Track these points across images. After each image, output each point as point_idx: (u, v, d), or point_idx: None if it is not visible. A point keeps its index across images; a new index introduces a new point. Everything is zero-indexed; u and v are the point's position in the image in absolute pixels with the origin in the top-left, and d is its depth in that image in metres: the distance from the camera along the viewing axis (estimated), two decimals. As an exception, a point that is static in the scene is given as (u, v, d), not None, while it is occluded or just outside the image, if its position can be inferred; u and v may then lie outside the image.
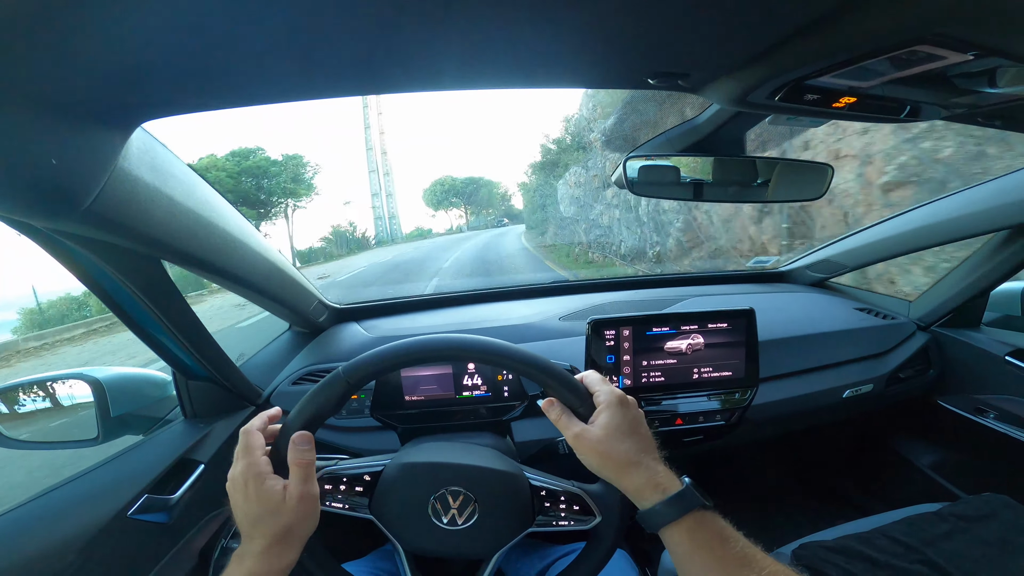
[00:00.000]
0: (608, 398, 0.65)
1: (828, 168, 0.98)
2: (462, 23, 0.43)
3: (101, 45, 0.39)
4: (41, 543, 0.73)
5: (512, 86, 0.61)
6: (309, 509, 0.62)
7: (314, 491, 0.63)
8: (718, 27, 0.49)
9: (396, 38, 0.45)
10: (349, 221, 38.72)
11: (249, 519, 0.60)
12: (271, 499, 0.60)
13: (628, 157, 0.95)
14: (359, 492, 0.71)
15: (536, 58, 0.54)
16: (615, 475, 0.62)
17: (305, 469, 0.62)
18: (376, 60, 0.49)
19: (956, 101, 0.68)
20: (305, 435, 0.64)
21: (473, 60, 0.53)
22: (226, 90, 0.54)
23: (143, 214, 0.63)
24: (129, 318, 0.86)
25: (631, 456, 0.61)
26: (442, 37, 0.46)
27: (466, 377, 1.13)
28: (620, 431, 0.63)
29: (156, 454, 0.95)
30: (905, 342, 1.44)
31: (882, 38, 0.46)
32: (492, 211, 77.39)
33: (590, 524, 0.71)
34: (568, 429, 0.65)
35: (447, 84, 0.59)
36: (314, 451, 0.64)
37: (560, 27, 0.46)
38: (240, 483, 0.61)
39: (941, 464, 1.56)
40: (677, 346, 1.14)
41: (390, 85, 0.58)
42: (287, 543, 0.60)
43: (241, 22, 0.39)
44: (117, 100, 0.50)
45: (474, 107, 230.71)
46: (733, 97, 0.65)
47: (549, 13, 0.43)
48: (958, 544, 0.99)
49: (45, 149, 0.47)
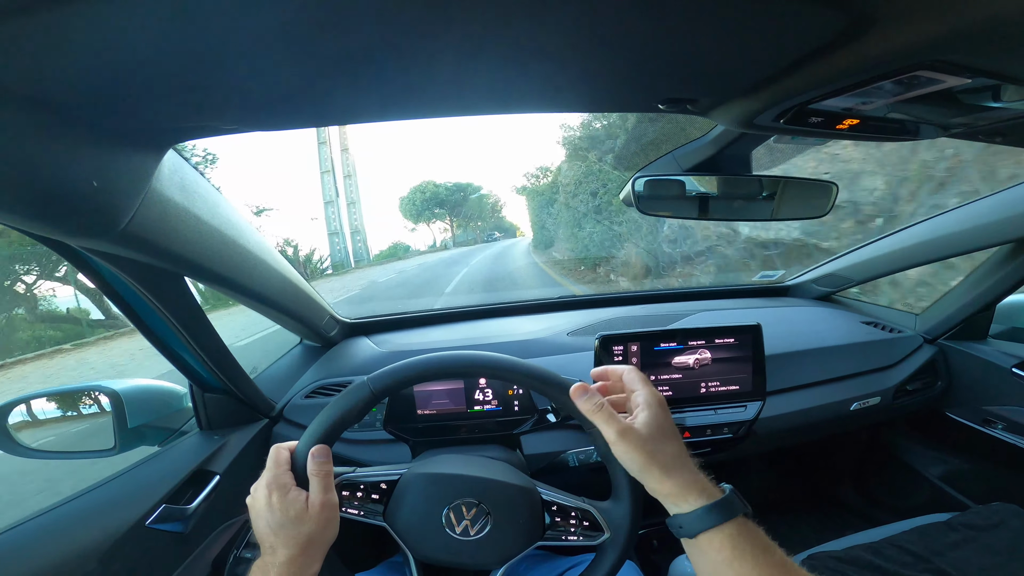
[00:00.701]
0: (650, 398, 0.63)
1: (832, 186, 1.00)
2: (475, 51, 0.45)
3: (134, 67, 0.41)
4: (63, 551, 0.75)
5: (526, 111, 0.63)
6: (330, 517, 0.64)
7: (334, 499, 0.65)
8: (725, 55, 0.50)
9: (405, 64, 0.46)
10: (286, 239, 33.63)
11: (272, 529, 0.62)
12: (294, 509, 0.62)
13: (636, 176, 0.96)
14: (375, 499, 0.73)
15: (551, 84, 0.56)
16: (660, 474, 0.60)
17: (324, 479, 0.64)
18: (392, 86, 0.51)
19: (956, 120, 0.70)
20: (323, 448, 0.66)
21: (486, 86, 0.55)
22: (252, 115, 0.56)
23: (173, 233, 0.66)
24: (150, 331, 0.88)
25: (676, 458, 0.60)
26: (454, 65, 0.48)
27: (477, 391, 1.14)
28: (663, 432, 0.61)
29: (173, 465, 0.97)
30: (912, 355, 1.45)
31: (882, 64, 0.48)
32: (481, 224, 69.72)
33: (598, 540, 0.72)
34: (608, 424, 0.61)
35: (459, 110, 0.61)
36: (331, 462, 0.66)
37: (574, 56, 0.48)
38: (264, 495, 0.63)
39: (950, 474, 1.56)
40: (684, 361, 1.16)
41: (398, 112, 0.60)
42: (310, 553, 0.62)
43: (264, 49, 0.41)
44: (152, 124, 0.53)
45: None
46: (740, 120, 0.66)
47: (565, 42, 0.45)
48: (967, 553, 1.00)
49: (87, 172, 0.50)
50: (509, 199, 79.83)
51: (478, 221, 68.65)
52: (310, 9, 0.35)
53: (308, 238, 78.38)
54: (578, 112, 0.65)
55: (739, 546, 0.55)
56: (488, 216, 70.40)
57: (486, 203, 68.55)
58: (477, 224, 68.46)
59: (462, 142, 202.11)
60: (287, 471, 0.65)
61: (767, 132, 0.74)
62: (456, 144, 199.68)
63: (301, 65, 0.44)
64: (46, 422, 1.14)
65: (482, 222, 70.17)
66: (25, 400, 1.05)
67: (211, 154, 24.29)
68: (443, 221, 66.82)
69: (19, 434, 1.04)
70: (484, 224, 70.05)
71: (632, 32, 0.43)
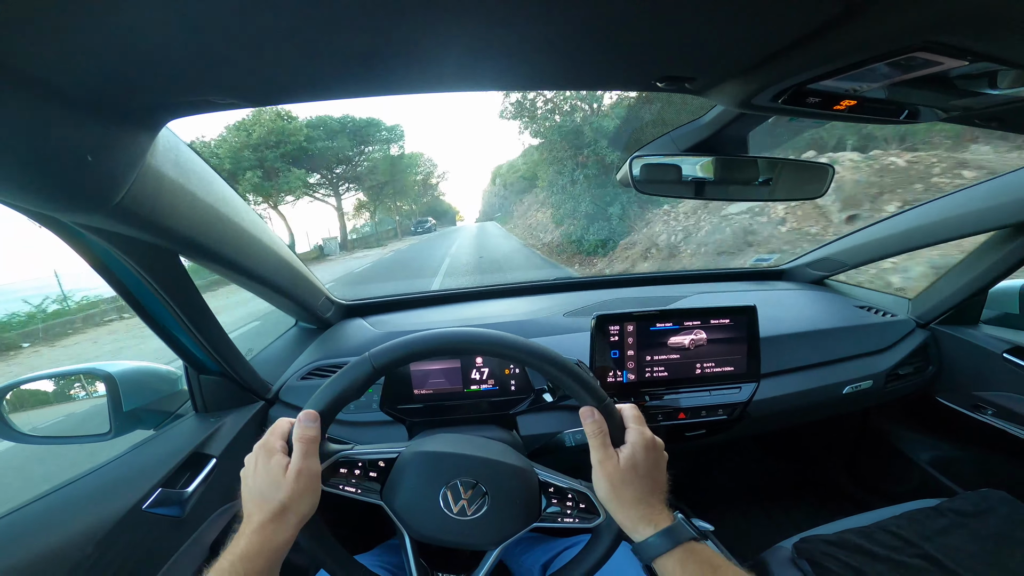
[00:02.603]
0: (637, 439, 0.69)
1: (829, 168, 1.00)
2: (472, 24, 0.45)
3: (131, 44, 0.41)
4: (61, 535, 0.75)
5: (521, 88, 0.63)
6: (306, 486, 0.63)
7: (313, 468, 0.64)
8: (724, 34, 0.50)
9: (402, 38, 0.46)
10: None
11: (252, 496, 0.63)
12: (273, 473, 0.62)
13: (633, 156, 0.96)
14: (372, 478, 0.73)
15: (547, 60, 0.56)
16: (615, 507, 0.67)
17: (305, 445, 0.64)
18: (383, 59, 0.50)
19: (954, 103, 0.70)
20: (311, 413, 0.66)
21: (481, 61, 0.54)
22: (245, 90, 0.55)
23: (167, 209, 0.66)
24: (145, 311, 0.88)
25: (635, 495, 0.66)
26: (451, 38, 0.47)
27: (474, 371, 1.15)
28: (636, 472, 0.67)
29: (169, 448, 0.96)
30: (904, 339, 1.46)
31: (879, 45, 0.48)
32: (406, 206, 44.25)
33: (593, 523, 0.73)
34: (597, 450, 0.69)
35: (452, 85, 0.60)
36: (318, 428, 0.66)
37: (572, 32, 0.48)
38: (252, 459, 0.65)
39: (940, 460, 1.58)
40: (680, 341, 1.16)
41: (394, 86, 0.59)
42: (282, 521, 0.61)
43: (254, 22, 0.40)
44: (146, 100, 0.52)
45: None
46: (738, 100, 0.66)
47: (562, 18, 0.45)
48: (956, 539, 1.02)
49: (80, 146, 0.49)
50: (450, 172, 57.94)
51: (397, 201, 40.75)
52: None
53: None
54: (576, 89, 0.65)
55: (688, 568, 0.60)
56: (416, 192, 43.84)
57: (413, 169, 39.16)
58: (398, 205, 42.20)
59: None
60: (279, 438, 0.66)
61: (765, 112, 0.73)
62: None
63: (294, 38, 0.44)
64: (41, 406, 1.14)
65: (408, 202, 44.00)
66: (19, 384, 1.04)
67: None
68: (327, 197, 31.72)
69: (13, 418, 1.03)
70: (410, 205, 45.42)
71: (631, 8, 0.43)
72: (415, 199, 45.27)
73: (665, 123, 8.47)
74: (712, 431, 1.24)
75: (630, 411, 0.73)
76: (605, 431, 0.69)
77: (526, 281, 1.83)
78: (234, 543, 0.60)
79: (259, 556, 0.59)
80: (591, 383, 0.71)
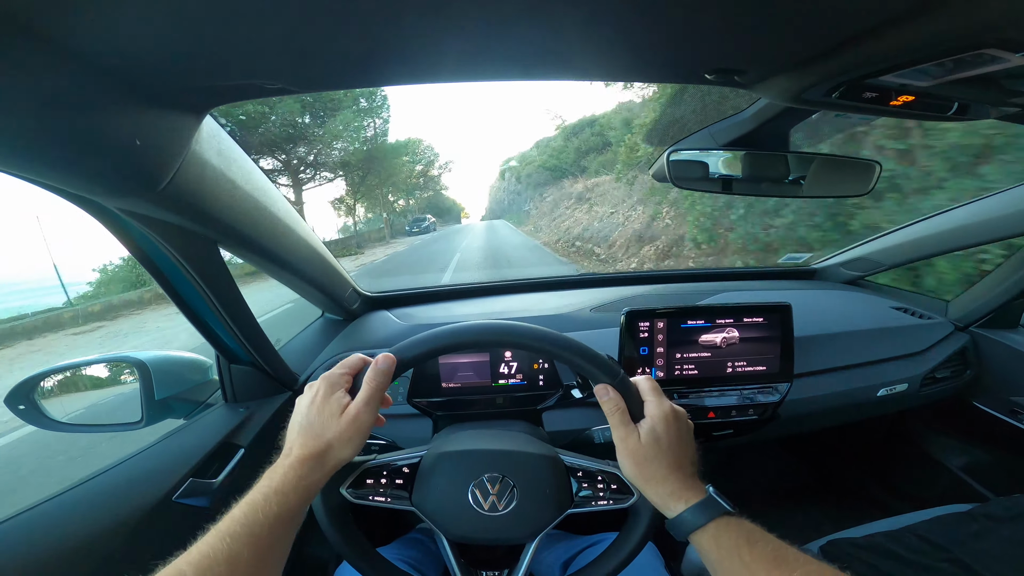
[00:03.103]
0: (656, 411, 0.67)
1: (876, 164, 0.97)
2: (529, 16, 0.44)
3: (181, 26, 0.41)
4: (95, 525, 0.76)
5: (573, 78, 0.62)
6: (355, 431, 0.62)
7: (368, 418, 0.63)
8: (781, 25, 0.49)
9: (456, 27, 0.46)
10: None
11: (301, 426, 0.62)
12: (330, 409, 0.62)
13: (670, 149, 0.94)
14: (399, 485, 0.72)
15: (594, 50, 0.55)
16: (643, 484, 0.66)
17: (373, 391, 0.63)
18: (437, 46, 0.50)
19: (1012, 100, 0.67)
20: (389, 358, 0.65)
21: (538, 52, 0.54)
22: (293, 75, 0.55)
23: (210, 196, 0.66)
24: (181, 299, 0.88)
25: (662, 471, 0.64)
26: (498, 28, 0.47)
27: (503, 365, 1.14)
28: (659, 446, 0.65)
29: (199, 438, 0.97)
30: (942, 342, 1.42)
31: (948, 40, 0.47)
32: (401, 199, 36.68)
33: (628, 502, 0.71)
34: (617, 428, 0.67)
35: (501, 75, 0.60)
36: (390, 378, 0.65)
37: (622, 22, 0.47)
38: (313, 389, 0.64)
39: (973, 465, 1.55)
40: (712, 339, 1.14)
41: (446, 73, 0.58)
42: (320, 460, 0.60)
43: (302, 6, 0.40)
44: (195, 83, 0.52)
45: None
46: (788, 95, 0.65)
47: (613, 8, 0.43)
48: (987, 544, 0.99)
49: (129, 130, 0.50)
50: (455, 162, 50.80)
51: (389, 194, 32.45)
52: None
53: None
54: (621, 81, 0.63)
55: (723, 543, 0.58)
56: (411, 185, 35.77)
57: (409, 156, 33.03)
58: (389, 200, 33.26)
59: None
60: (346, 375, 0.65)
61: (815, 107, 0.72)
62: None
63: (342, 23, 0.43)
64: (73, 393, 1.15)
65: (402, 195, 35.14)
66: (52, 372, 1.05)
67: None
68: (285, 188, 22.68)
69: (47, 406, 1.05)
70: (405, 200, 37.45)
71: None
72: (409, 192, 37.07)
73: (705, 116, 8.22)
74: (740, 431, 1.22)
75: (646, 383, 0.71)
76: (623, 407, 0.67)
77: (552, 276, 1.82)
78: (268, 475, 0.59)
79: (293, 492, 0.58)
80: (601, 358, 0.69)
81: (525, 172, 36.97)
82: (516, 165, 43.47)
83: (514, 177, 43.43)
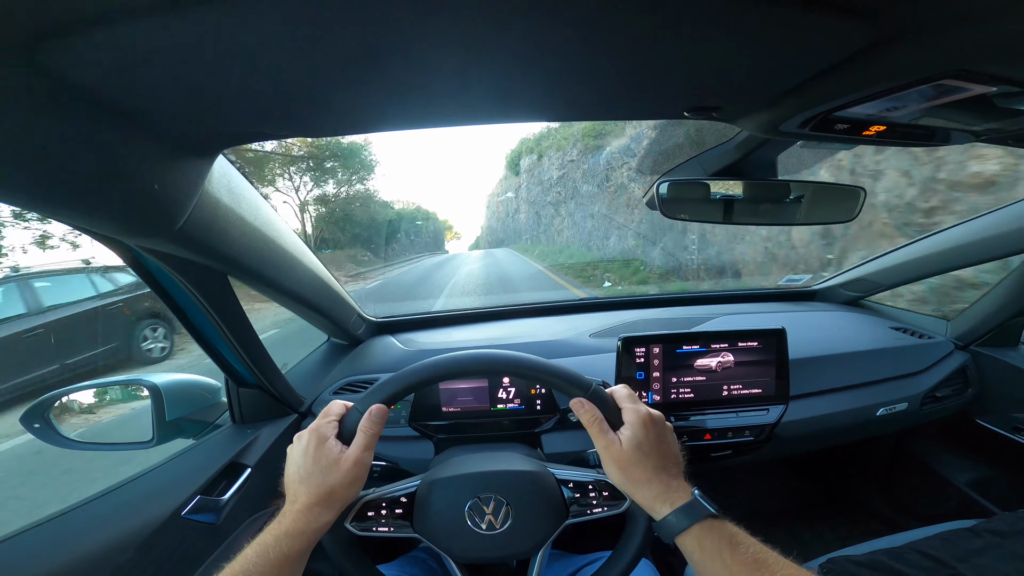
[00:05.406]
0: (633, 417, 0.69)
1: (860, 191, 0.99)
2: (504, 59, 0.47)
3: (196, 80, 0.44)
4: (105, 538, 0.79)
5: (553, 119, 0.65)
6: (358, 475, 0.66)
7: (368, 460, 0.67)
8: (751, 65, 0.52)
9: (443, 73, 0.48)
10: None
11: (300, 476, 0.65)
12: (326, 458, 0.65)
13: (660, 180, 0.97)
14: (399, 514, 0.74)
15: (580, 92, 0.58)
16: (631, 489, 0.67)
17: (370, 439, 0.67)
18: (424, 93, 0.53)
19: (986, 126, 0.70)
20: (382, 409, 0.69)
21: (514, 94, 0.57)
22: (296, 122, 0.59)
23: (222, 232, 0.70)
24: (193, 327, 0.93)
25: (647, 474, 0.66)
26: (489, 73, 0.50)
27: (501, 390, 1.16)
28: (641, 450, 0.67)
29: (208, 457, 1.01)
30: (942, 361, 1.42)
31: (908, 73, 0.49)
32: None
33: (623, 507, 0.73)
34: (598, 438, 0.69)
35: (489, 117, 0.63)
36: (383, 426, 0.69)
37: (603, 66, 0.50)
38: (304, 440, 0.67)
39: (977, 482, 1.54)
40: (707, 364, 1.16)
41: (435, 118, 0.62)
42: (327, 504, 0.64)
43: (305, 64, 0.43)
44: (206, 129, 0.56)
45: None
46: (765, 127, 0.67)
47: (590, 51, 0.46)
48: (991, 559, 0.98)
49: (150, 176, 0.54)
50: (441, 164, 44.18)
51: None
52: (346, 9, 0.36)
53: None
54: (605, 120, 0.67)
55: (706, 545, 0.60)
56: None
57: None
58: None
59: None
60: (333, 423, 0.69)
61: (792, 138, 0.74)
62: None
63: (344, 76, 0.47)
64: (86, 414, 1.18)
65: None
66: (68, 392, 1.09)
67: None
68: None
69: (61, 425, 1.08)
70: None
71: (658, 44, 0.45)
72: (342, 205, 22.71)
73: (694, 145, 8.31)
74: (739, 452, 1.23)
75: (621, 391, 0.73)
76: (599, 417, 0.69)
77: (554, 301, 1.85)
78: (278, 521, 0.63)
79: (302, 535, 0.62)
80: (570, 373, 0.72)
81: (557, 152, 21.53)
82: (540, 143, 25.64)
83: (533, 166, 26.71)
